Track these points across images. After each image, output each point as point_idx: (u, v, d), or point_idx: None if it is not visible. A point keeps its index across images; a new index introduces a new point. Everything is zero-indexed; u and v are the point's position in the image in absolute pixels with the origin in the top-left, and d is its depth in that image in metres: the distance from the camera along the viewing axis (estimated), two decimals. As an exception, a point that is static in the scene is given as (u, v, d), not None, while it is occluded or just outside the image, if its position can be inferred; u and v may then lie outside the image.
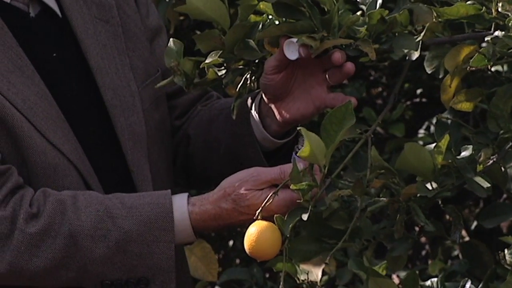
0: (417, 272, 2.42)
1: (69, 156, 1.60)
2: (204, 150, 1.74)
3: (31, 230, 1.53)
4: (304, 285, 2.35)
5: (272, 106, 1.61)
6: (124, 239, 1.54)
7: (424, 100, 2.59)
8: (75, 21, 1.66)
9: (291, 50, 1.50)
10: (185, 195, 1.57)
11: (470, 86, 1.56)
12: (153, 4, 1.79)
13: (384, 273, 1.54)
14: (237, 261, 2.83)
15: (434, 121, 2.50)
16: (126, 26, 1.71)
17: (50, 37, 1.66)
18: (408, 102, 2.60)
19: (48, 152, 1.59)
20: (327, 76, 1.57)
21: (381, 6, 1.46)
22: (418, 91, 2.55)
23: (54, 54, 1.65)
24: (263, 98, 1.63)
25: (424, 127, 2.54)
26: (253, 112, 1.64)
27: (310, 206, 1.39)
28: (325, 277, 2.33)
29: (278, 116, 1.61)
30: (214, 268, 2.42)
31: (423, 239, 2.56)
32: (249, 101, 1.64)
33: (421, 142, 2.44)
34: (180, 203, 1.56)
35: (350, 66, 1.51)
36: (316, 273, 2.19)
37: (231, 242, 2.80)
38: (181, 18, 2.57)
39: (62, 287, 1.58)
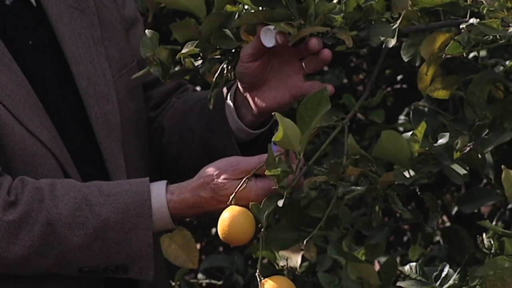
0: (398, 257, 2.45)
1: (47, 144, 1.61)
2: (178, 141, 1.75)
3: (8, 217, 1.54)
4: (284, 271, 2.37)
5: (248, 95, 1.62)
6: (102, 226, 1.55)
7: (404, 86, 2.60)
8: (50, 10, 1.67)
9: (268, 38, 1.51)
10: (164, 182, 1.58)
11: (449, 73, 1.57)
12: None
13: (363, 258, 1.55)
14: (220, 249, 2.84)
15: (414, 107, 2.51)
16: (102, 15, 1.71)
17: (26, 26, 1.66)
18: (389, 89, 2.61)
19: (27, 139, 1.59)
20: (303, 64, 1.57)
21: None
22: (399, 77, 2.56)
23: (30, 42, 1.65)
24: (238, 88, 1.63)
25: (404, 113, 2.55)
26: (228, 102, 1.65)
27: (285, 193, 1.40)
28: (306, 263, 2.35)
29: (253, 106, 1.62)
30: (194, 256, 2.43)
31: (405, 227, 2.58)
32: (224, 91, 1.65)
33: (401, 128, 2.45)
34: (158, 191, 1.57)
35: (327, 53, 1.52)
36: (295, 259, 2.21)
37: (213, 230, 2.81)
38: (160, 6, 2.56)
39: (40, 274, 1.59)
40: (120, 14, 1.74)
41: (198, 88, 2.56)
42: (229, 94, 1.65)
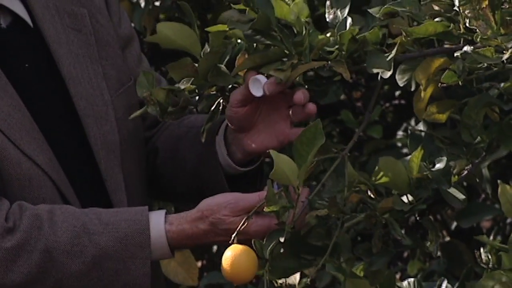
0: (398, 273, 2.47)
1: (44, 167, 1.62)
2: (171, 166, 1.77)
3: (6, 244, 1.56)
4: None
5: (237, 135, 1.65)
6: (100, 255, 1.57)
7: (402, 102, 2.62)
8: (47, 31, 1.68)
9: (257, 87, 1.54)
10: (163, 212, 1.60)
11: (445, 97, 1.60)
12: (125, 12, 1.81)
13: (361, 274, 1.58)
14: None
15: (412, 122, 2.54)
16: (98, 34, 1.73)
17: (22, 48, 1.67)
18: (387, 104, 2.63)
19: (23, 163, 1.61)
20: (290, 112, 1.61)
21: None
22: (397, 93, 2.58)
23: (26, 65, 1.67)
24: (229, 126, 1.66)
25: (402, 128, 2.57)
26: (220, 137, 1.68)
27: (286, 228, 1.42)
28: (305, 279, 2.37)
29: (242, 146, 1.65)
30: (194, 273, 2.45)
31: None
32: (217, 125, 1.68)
33: (399, 144, 2.48)
34: (157, 220, 1.59)
35: (311, 107, 1.56)
36: (294, 276, 2.23)
37: (214, 248, 2.83)
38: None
39: None
40: (117, 32, 1.76)
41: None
42: (220, 129, 1.68)
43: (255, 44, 1.49)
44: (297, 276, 2.24)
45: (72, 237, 1.57)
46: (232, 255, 1.50)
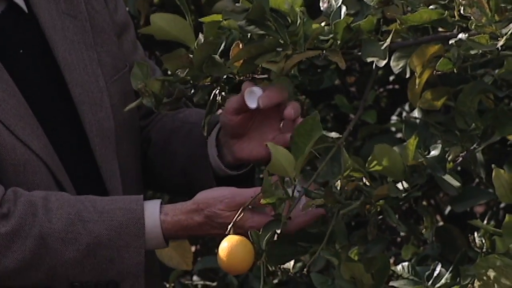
0: (392, 257, 2.48)
1: (38, 152, 1.62)
2: (162, 158, 1.77)
3: (1, 230, 1.56)
4: (278, 272, 2.40)
5: (229, 140, 1.66)
6: (95, 243, 1.57)
7: (396, 87, 2.62)
8: (42, 17, 1.68)
9: (252, 99, 1.56)
10: (158, 202, 1.61)
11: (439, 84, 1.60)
12: None
13: (356, 258, 1.59)
14: (215, 250, 2.86)
15: (406, 107, 2.54)
16: (94, 21, 1.73)
17: (17, 34, 1.67)
18: (381, 89, 2.64)
19: (18, 149, 1.61)
20: (281, 125, 1.62)
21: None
22: (391, 78, 2.58)
23: (21, 51, 1.66)
24: (222, 130, 1.68)
25: (396, 113, 2.58)
26: (212, 139, 1.69)
27: (283, 219, 1.42)
28: (299, 264, 2.38)
29: (232, 151, 1.66)
30: (188, 257, 2.45)
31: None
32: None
33: (393, 129, 2.48)
34: (153, 210, 1.59)
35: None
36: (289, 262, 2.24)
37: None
38: (152, 8, 2.58)
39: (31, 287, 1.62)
40: (112, 19, 1.75)
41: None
42: (213, 131, 1.69)
43: (249, 34, 1.49)
44: (291, 261, 2.26)
45: (67, 224, 1.57)
46: (228, 246, 1.50)
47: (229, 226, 1.50)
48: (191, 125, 1.69)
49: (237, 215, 1.51)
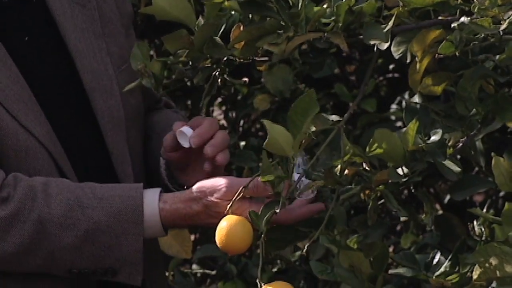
0: (391, 245, 2.47)
1: (41, 138, 1.62)
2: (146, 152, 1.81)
3: (0, 214, 1.56)
4: (277, 261, 2.40)
5: (175, 171, 1.70)
6: (93, 229, 1.57)
7: (396, 75, 2.62)
8: (52, 5, 1.68)
9: (184, 139, 1.61)
10: (157, 190, 1.61)
11: (440, 69, 1.59)
12: None
13: (355, 246, 1.58)
14: (214, 239, 2.86)
15: (406, 96, 2.53)
16: (102, 11, 1.73)
17: (24, 22, 1.67)
18: (381, 78, 2.63)
19: (20, 134, 1.61)
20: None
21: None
22: (391, 66, 2.57)
23: (26, 38, 1.66)
24: None
25: (396, 102, 2.57)
26: (162, 161, 1.72)
27: (282, 200, 1.42)
28: (298, 252, 2.38)
29: (180, 179, 1.70)
30: (188, 246, 2.45)
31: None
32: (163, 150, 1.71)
33: (393, 117, 2.48)
34: (152, 198, 1.59)
35: (219, 159, 1.62)
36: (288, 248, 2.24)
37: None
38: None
39: (29, 272, 1.61)
40: (119, 10, 1.75)
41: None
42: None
43: (250, 16, 1.48)
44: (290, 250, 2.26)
45: (66, 210, 1.57)
46: (227, 225, 1.49)
47: (228, 206, 1.50)
48: (156, 136, 1.74)
49: (235, 196, 1.51)
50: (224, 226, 1.50)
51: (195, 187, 1.59)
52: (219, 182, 1.56)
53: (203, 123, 1.62)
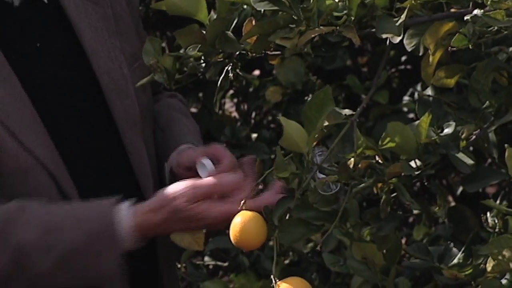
0: (404, 238, 2.48)
1: (42, 159, 1.60)
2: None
3: None
4: (290, 253, 2.40)
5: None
6: (71, 251, 1.56)
7: (408, 67, 2.61)
8: (67, 5, 1.66)
9: (203, 171, 1.62)
10: (128, 203, 1.60)
11: (453, 61, 1.59)
12: None
13: (368, 238, 1.58)
14: (226, 231, 2.87)
15: (418, 87, 2.53)
16: (114, 9, 1.72)
17: (35, 26, 1.65)
18: (393, 70, 2.62)
19: (20, 154, 1.59)
20: None
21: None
22: (403, 58, 2.57)
23: (38, 44, 1.64)
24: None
25: (408, 93, 2.57)
26: (167, 166, 1.72)
27: (296, 195, 1.42)
28: (311, 244, 2.38)
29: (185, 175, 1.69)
30: (200, 238, 2.44)
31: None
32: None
33: (405, 109, 2.47)
34: (124, 212, 1.58)
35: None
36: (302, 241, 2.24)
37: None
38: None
39: None
40: (130, 8, 1.75)
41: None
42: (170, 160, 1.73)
43: (262, 10, 1.48)
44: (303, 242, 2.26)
45: (42, 234, 1.55)
46: (241, 221, 1.49)
47: (242, 202, 1.50)
48: (160, 132, 1.76)
49: (243, 200, 1.51)
50: (238, 222, 1.50)
51: (158, 195, 1.59)
52: (181, 186, 1.57)
53: (224, 160, 1.63)
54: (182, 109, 1.87)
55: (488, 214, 1.65)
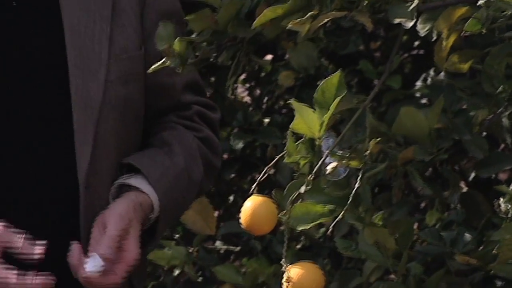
0: (416, 223, 2.47)
1: None
2: None
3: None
4: (302, 238, 2.41)
5: None
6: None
7: (421, 52, 2.60)
8: None
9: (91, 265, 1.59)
10: None
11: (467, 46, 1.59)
12: None
13: (380, 223, 1.58)
14: (237, 216, 2.87)
15: (431, 73, 2.52)
16: (118, 1, 1.68)
17: None
18: (406, 55, 2.62)
19: None
20: None
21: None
22: (416, 43, 2.56)
23: (14, 3, 1.62)
24: None
25: (421, 78, 2.56)
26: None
27: (307, 180, 1.42)
28: (323, 229, 2.38)
29: None
30: (212, 222, 2.46)
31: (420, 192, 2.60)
32: None
33: (418, 94, 2.47)
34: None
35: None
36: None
37: (231, 198, 2.84)
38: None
39: None
40: (140, 7, 1.71)
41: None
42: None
43: (275, -5, 1.48)
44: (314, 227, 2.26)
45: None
46: (251, 205, 1.50)
47: (253, 186, 1.51)
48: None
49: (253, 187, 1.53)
50: (249, 207, 1.50)
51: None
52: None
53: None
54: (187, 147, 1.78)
55: (501, 199, 1.65)
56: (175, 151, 1.72)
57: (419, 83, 2.55)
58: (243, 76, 2.72)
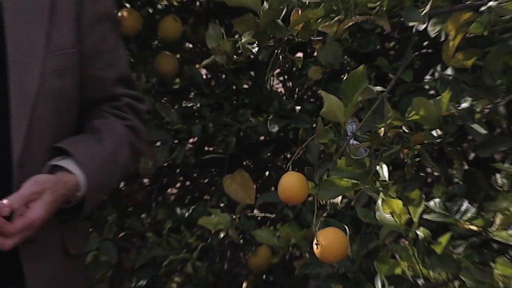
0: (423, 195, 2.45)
1: None
2: None
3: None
4: (328, 207, 2.40)
5: None
6: None
7: (429, 50, 2.58)
8: None
9: None
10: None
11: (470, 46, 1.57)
12: None
13: (394, 195, 1.57)
14: (272, 188, 2.88)
15: (438, 68, 2.49)
16: (56, 2, 1.62)
17: None
18: (416, 53, 2.59)
19: None
20: None
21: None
22: (425, 43, 2.53)
23: None
24: None
25: (430, 73, 2.53)
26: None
27: (334, 158, 1.42)
28: (345, 200, 2.37)
29: None
30: (252, 193, 2.46)
31: (428, 170, 2.58)
32: None
33: (427, 86, 2.44)
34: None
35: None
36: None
37: (267, 173, 2.84)
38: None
39: None
40: (81, 6, 1.64)
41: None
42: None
43: (307, 2, 1.47)
44: (339, 196, 2.25)
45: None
46: (288, 180, 1.50)
47: (288, 164, 1.50)
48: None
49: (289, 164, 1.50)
50: (286, 181, 1.50)
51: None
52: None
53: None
54: (116, 136, 1.71)
55: (497, 175, 1.64)
56: (104, 137, 1.66)
57: (428, 77, 2.52)
58: (277, 70, 2.71)
